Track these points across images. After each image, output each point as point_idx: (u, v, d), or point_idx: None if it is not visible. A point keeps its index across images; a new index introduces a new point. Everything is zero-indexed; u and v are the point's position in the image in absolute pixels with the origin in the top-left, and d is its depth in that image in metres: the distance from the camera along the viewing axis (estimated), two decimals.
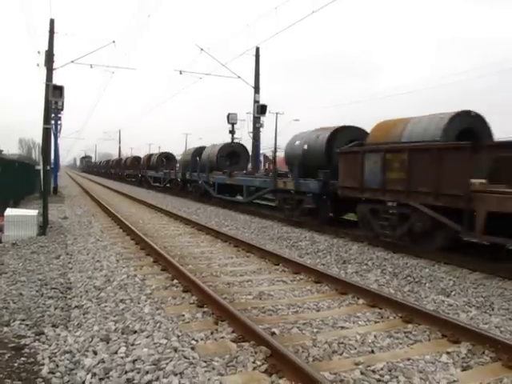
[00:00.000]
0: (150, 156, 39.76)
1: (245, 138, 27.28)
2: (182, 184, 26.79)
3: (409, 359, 4.16)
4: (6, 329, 4.73)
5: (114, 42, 24.89)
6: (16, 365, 3.89)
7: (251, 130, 27.47)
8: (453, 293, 6.62)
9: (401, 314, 5.34)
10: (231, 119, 28.67)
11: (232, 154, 22.89)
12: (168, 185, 30.04)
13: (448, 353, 4.32)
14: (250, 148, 26.46)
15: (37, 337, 4.55)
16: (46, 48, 24.73)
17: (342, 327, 5.04)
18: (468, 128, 9.61)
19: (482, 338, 4.43)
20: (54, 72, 24.70)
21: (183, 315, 5.25)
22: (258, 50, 26.94)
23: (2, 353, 4.08)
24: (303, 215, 13.52)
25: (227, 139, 26.96)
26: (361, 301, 5.97)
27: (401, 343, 4.60)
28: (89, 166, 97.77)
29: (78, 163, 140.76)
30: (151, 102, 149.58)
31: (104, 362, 3.94)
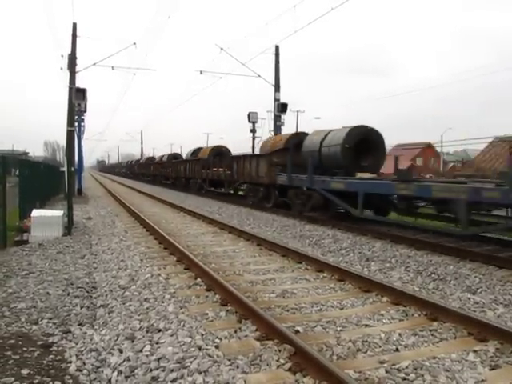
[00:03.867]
0: (147, 159, 55.57)
1: (266, 136, 27.25)
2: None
3: (434, 358, 4.11)
4: (34, 327, 4.83)
5: (134, 43, 25.28)
6: (45, 362, 3.97)
7: (272, 128, 27.47)
8: (479, 290, 6.50)
9: (426, 311, 5.27)
10: (252, 118, 28.75)
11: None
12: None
13: (475, 351, 4.24)
14: None
15: (64, 335, 4.64)
16: (69, 51, 25.16)
17: (366, 325, 5.00)
18: None
19: (511, 337, 4.34)
20: (76, 75, 25.13)
21: (207, 314, 5.27)
22: (277, 48, 26.91)
23: (31, 350, 4.17)
24: None
25: (248, 138, 27.14)
26: (385, 299, 5.92)
27: (426, 341, 4.54)
28: (103, 167, 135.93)
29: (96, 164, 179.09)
30: (172, 102, 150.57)
31: (129, 360, 3.99)
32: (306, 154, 15.06)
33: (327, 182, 13.19)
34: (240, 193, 23.23)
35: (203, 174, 26.15)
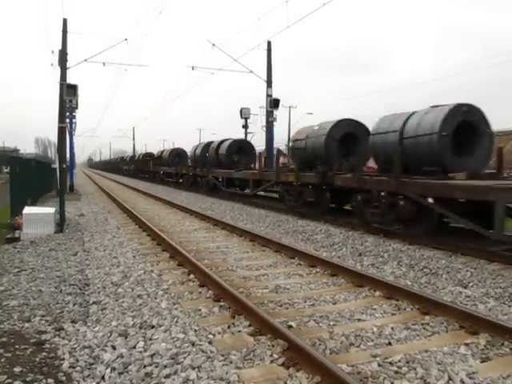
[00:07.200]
0: (130, 157, 63.12)
1: (258, 132, 27.28)
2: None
3: (426, 351, 4.14)
4: (27, 324, 4.80)
5: (126, 39, 25.13)
6: (38, 359, 3.95)
7: (264, 124, 27.46)
8: (470, 284, 6.55)
9: (418, 305, 5.31)
10: (244, 114, 28.75)
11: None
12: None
13: (466, 344, 4.28)
14: (263, 142, 26.55)
15: (57, 332, 4.62)
16: (60, 47, 24.93)
17: (359, 319, 5.03)
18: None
19: (502, 330, 4.38)
20: (67, 71, 24.93)
21: (200, 310, 5.28)
22: (269, 44, 26.86)
23: (24, 348, 4.15)
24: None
25: (241, 134, 27.14)
26: (377, 293, 5.95)
27: (418, 335, 4.57)
28: (91, 164, 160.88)
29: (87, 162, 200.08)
30: (164, 98, 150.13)
31: (123, 356, 3.99)
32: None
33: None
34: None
35: (162, 168, 36.14)
